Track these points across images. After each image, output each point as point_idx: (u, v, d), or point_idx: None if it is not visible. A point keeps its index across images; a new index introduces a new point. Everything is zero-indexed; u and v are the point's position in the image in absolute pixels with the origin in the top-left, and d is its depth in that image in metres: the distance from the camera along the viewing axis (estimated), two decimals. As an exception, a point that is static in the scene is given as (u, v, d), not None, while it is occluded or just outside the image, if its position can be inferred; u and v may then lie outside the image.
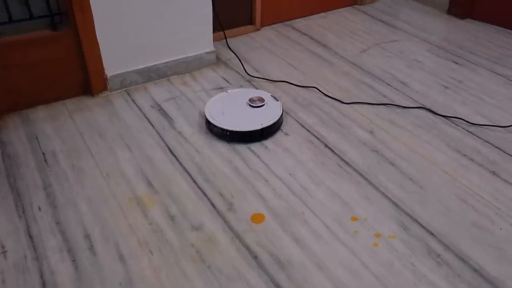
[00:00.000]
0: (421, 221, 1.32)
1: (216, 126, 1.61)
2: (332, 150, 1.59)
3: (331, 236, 1.27)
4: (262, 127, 1.61)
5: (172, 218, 1.32)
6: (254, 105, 1.70)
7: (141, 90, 1.91)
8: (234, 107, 1.71)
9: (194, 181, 1.45)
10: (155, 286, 1.13)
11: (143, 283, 1.14)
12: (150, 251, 1.22)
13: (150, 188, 1.42)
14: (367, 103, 1.85)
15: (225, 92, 1.81)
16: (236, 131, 1.60)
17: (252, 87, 1.94)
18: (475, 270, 1.18)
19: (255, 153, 1.57)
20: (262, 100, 1.71)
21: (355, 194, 1.41)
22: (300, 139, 1.64)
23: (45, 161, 1.51)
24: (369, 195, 1.41)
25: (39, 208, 1.34)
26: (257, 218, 1.32)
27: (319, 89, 1.93)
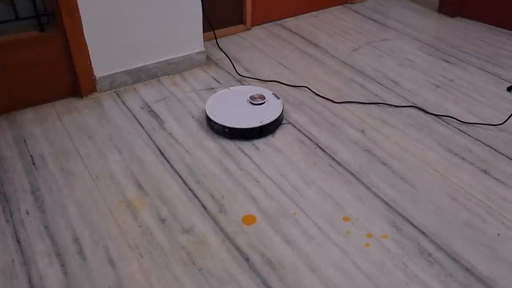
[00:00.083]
0: (413, 221, 1.31)
1: (216, 123, 1.62)
2: (323, 150, 1.58)
3: (322, 237, 1.26)
4: (261, 124, 1.61)
5: (163, 221, 1.30)
6: (255, 103, 1.69)
7: (131, 91, 1.89)
8: (235, 104, 1.71)
9: (184, 182, 1.44)
10: (145, 290, 1.12)
11: (133, 286, 1.12)
12: (140, 254, 1.21)
13: (140, 190, 1.40)
14: (359, 102, 1.84)
15: (227, 88, 1.81)
16: (235, 127, 1.60)
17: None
18: (467, 269, 1.18)
19: (246, 154, 1.56)
20: (263, 98, 1.71)
21: (347, 194, 1.41)
22: (291, 139, 1.63)
23: (33, 164, 1.49)
24: (361, 194, 1.40)
25: (27, 212, 1.32)
26: (248, 220, 1.31)
27: (310, 88, 1.92)
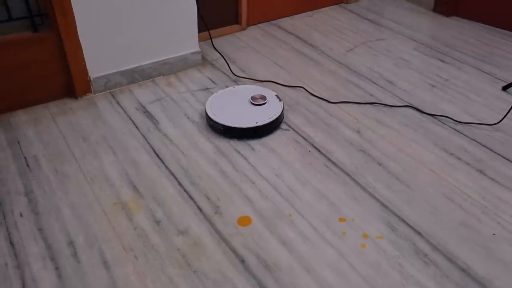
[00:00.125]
0: (409, 221, 1.31)
1: (212, 120, 1.63)
2: (319, 150, 1.58)
3: (318, 238, 1.26)
4: (257, 125, 1.60)
5: (158, 223, 1.29)
6: (255, 103, 1.69)
7: (126, 92, 1.88)
8: (235, 103, 1.72)
9: (180, 184, 1.43)
10: (140, 292, 1.11)
11: (128, 289, 1.12)
12: (135, 256, 1.20)
13: (135, 192, 1.40)
14: (354, 103, 1.84)
15: (232, 87, 1.82)
16: (230, 126, 1.60)
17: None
18: (463, 270, 1.17)
19: (241, 154, 1.55)
20: (264, 98, 1.71)
21: (342, 194, 1.40)
22: (286, 140, 1.63)
23: (27, 166, 1.48)
24: (357, 195, 1.40)
25: (21, 215, 1.31)
26: (244, 221, 1.30)
27: (306, 88, 1.92)
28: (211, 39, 2.10)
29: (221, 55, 2.09)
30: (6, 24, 1.63)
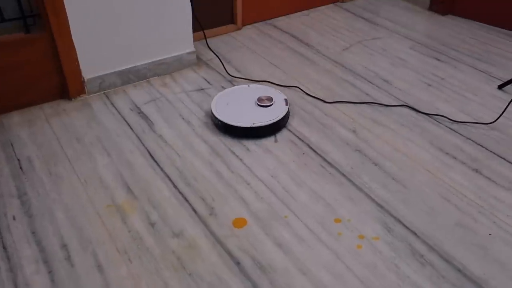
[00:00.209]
0: (405, 222, 1.31)
1: (213, 114, 1.65)
2: (314, 151, 1.57)
3: (314, 239, 1.25)
4: (253, 126, 1.59)
5: (152, 225, 1.28)
6: (261, 104, 1.68)
7: (120, 92, 1.87)
8: (242, 101, 1.72)
9: (175, 185, 1.42)
10: (134, 295, 1.10)
11: (122, 293, 1.11)
12: (129, 259, 1.19)
13: (129, 194, 1.38)
14: (350, 102, 1.83)
15: (246, 85, 1.83)
16: (227, 123, 1.61)
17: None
18: (459, 270, 1.17)
19: (236, 155, 1.54)
20: (270, 100, 1.70)
21: (338, 195, 1.39)
22: (282, 140, 1.62)
23: (20, 168, 1.47)
24: (352, 195, 1.39)
25: (14, 218, 1.29)
26: (239, 223, 1.30)
27: (301, 88, 1.91)
28: (205, 39, 2.09)
29: (216, 55, 2.08)
30: (-1, 25, 1.62)
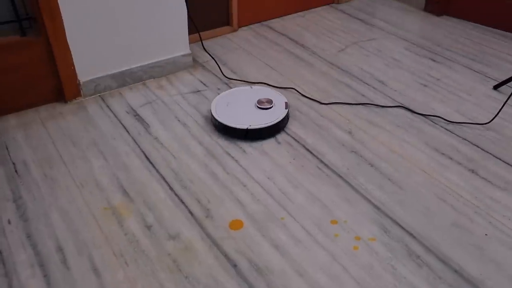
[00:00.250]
0: (401, 223, 1.31)
1: (211, 114, 1.66)
2: (311, 152, 1.57)
3: (310, 241, 1.25)
4: (248, 128, 1.59)
5: (148, 227, 1.28)
6: (260, 106, 1.68)
7: (116, 95, 1.86)
8: (242, 102, 1.72)
9: (170, 188, 1.42)
10: (130, 299, 1.10)
11: (118, 296, 1.10)
12: (125, 262, 1.18)
13: (125, 196, 1.38)
14: (346, 103, 1.84)
15: (250, 87, 1.83)
16: (223, 123, 1.61)
17: (229, 89, 1.91)
18: (456, 271, 1.17)
19: (232, 157, 1.54)
20: (270, 103, 1.69)
21: (335, 196, 1.39)
22: (278, 142, 1.62)
23: (16, 171, 1.46)
24: (349, 197, 1.39)
25: (9, 221, 1.29)
26: (236, 225, 1.29)
27: (297, 90, 1.91)
28: (201, 41, 2.09)
29: (212, 57, 2.08)
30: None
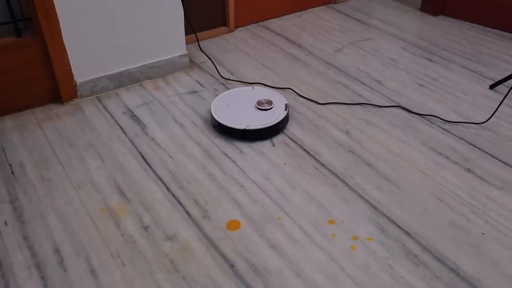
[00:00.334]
0: (398, 222, 1.31)
1: (211, 115, 1.67)
2: (308, 152, 1.57)
3: (308, 241, 1.25)
4: (246, 128, 1.60)
5: (146, 228, 1.28)
6: (259, 107, 1.68)
7: (113, 96, 1.86)
8: (242, 103, 1.72)
9: (167, 188, 1.42)
10: (128, 300, 1.10)
11: (115, 297, 1.10)
12: (122, 263, 1.18)
13: (122, 197, 1.38)
14: (343, 103, 1.84)
15: (251, 87, 1.83)
16: (222, 123, 1.62)
17: (226, 89, 1.91)
18: (452, 270, 1.17)
19: (229, 158, 1.54)
20: (270, 104, 1.69)
21: (332, 196, 1.40)
22: (275, 142, 1.62)
23: (12, 173, 1.46)
24: (346, 196, 1.40)
25: (5, 223, 1.28)
26: (233, 225, 1.29)
27: (294, 90, 1.91)
28: (198, 41, 2.09)
29: (209, 58, 2.08)
30: (-11, 29, 1.61)
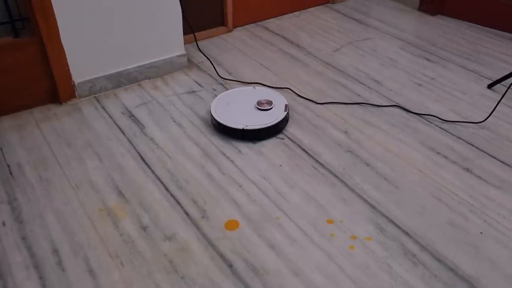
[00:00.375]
0: (397, 222, 1.31)
1: (211, 114, 1.67)
2: (306, 152, 1.57)
3: (306, 240, 1.25)
4: (244, 128, 1.60)
5: (144, 228, 1.28)
6: (259, 107, 1.68)
7: (111, 96, 1.86)
8: (242, 102, 1.72)
9: (166, 188, 1.41)
10: (126, 300, 1.10)
11: (114, 297, 1.10)
12: (121, 263, 1.18)
13: (121, 198, 1.38)
14: (341, 103, 1.84)
15: (253, 87, 1.83)
16: (221, 122, 1.62)
17: (225, 89, 1.91)
18: (451, 269, 1.17)
19: (228, 157, 1.54)
20: (270, 104, 1.69)
21: (331, 196, 1.40)
22: (273, 142, 1.62)
23: (10, 173, 1.46)
24: (345, 196, 1.40)
25: (4, 224, 1.28)
26: (231, 225, 1.29)
27: (293, 90, 1.91)
28: (196, 41, 2.08)
29: (207, 58, 2.08)
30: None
